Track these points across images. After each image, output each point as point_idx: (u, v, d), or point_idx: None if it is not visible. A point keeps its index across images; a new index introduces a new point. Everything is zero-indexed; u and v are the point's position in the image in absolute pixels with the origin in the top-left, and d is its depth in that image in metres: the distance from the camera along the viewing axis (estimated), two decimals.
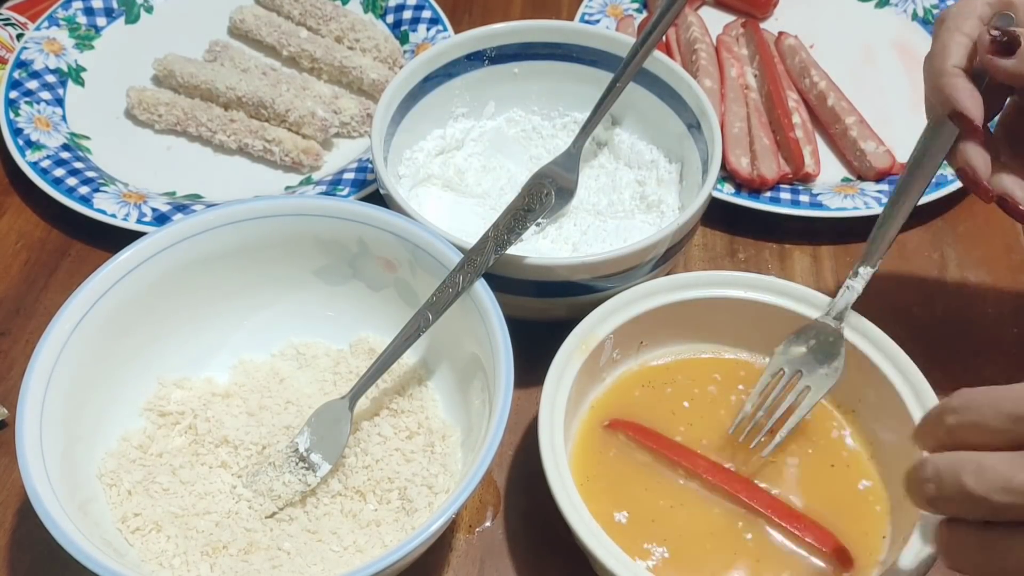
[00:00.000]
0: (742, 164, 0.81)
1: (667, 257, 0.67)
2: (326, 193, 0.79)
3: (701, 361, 0.66)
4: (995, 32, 0.55)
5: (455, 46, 0.76)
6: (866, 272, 0.61)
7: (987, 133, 0.58)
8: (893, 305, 0.76)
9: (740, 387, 0.65)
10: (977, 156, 0.58)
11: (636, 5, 0.98)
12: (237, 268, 0.65)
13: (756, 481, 0.60)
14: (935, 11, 0.97)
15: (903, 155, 0.79)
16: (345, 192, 0.80)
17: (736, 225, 0.81)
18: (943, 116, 0.58)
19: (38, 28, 0.92)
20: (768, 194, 0.81)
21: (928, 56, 0.60)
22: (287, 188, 0.83)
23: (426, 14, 0.95)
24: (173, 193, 0.82)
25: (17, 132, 0.83)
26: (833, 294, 0.63)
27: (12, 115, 0.84)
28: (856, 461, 0.61)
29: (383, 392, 0.65)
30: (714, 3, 1.00)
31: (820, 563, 0.57)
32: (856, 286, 0.61)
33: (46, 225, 0.81)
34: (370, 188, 0.80)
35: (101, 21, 0.95)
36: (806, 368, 0.60)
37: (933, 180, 0.59)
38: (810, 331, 0.61)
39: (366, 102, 0.89)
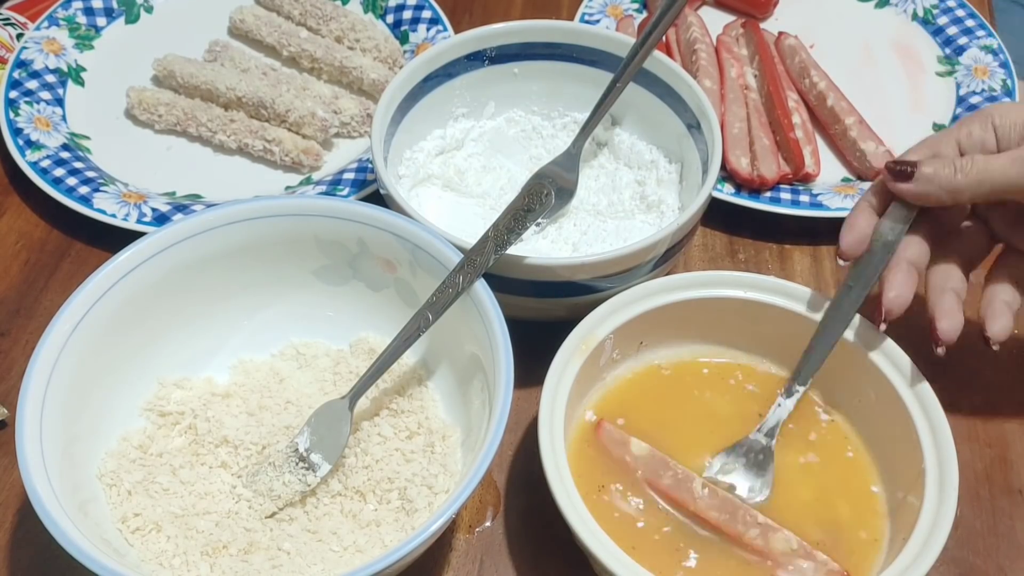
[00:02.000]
0: (742, 164, 0.81)
1: (667, 257, 0.67)
2: (326, 193, 0.79)
3: (700, 361, 0.66)
4: (892, 164, 0.60)
5: (455, 46, 0.76)
6: (799, 390, 0.62)
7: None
8: None
9: (741, 382, 0.65)
10: (889, 285, 0.60)
11: (636, 5, 0.98)
12: (237, 268, 0.65)
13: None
14: (935, 11, 0.97)
15: None
16: (345, 192, 0.80)
17: (736, 225, 0.81)
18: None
19: (38, 28, 0.92)
20: (768, 194, 0.81)
21: None
22: (287, 188, 0.83)
23: (426, 14, 0.95)
24: (173, 193, 0.82)
25: (17, 132, 0.83)
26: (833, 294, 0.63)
27: (12, 115, 0.84)
28: (856, 461, 0.61)
29: (383, 392, 0.65)
30: (714, 3, 1.00)
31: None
32: (788, 404, 0.62)
33: (46, 225, 0.81)
34: (370, 188, 0.80)
35: (101, 21, 0.95)
36: (739, 482, 0.60)
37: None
38: (741, 448, 0.61)
39: (366, 102, 0.89)
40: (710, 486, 0.59)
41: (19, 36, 0.93)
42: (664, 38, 0.84)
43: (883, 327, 0.60)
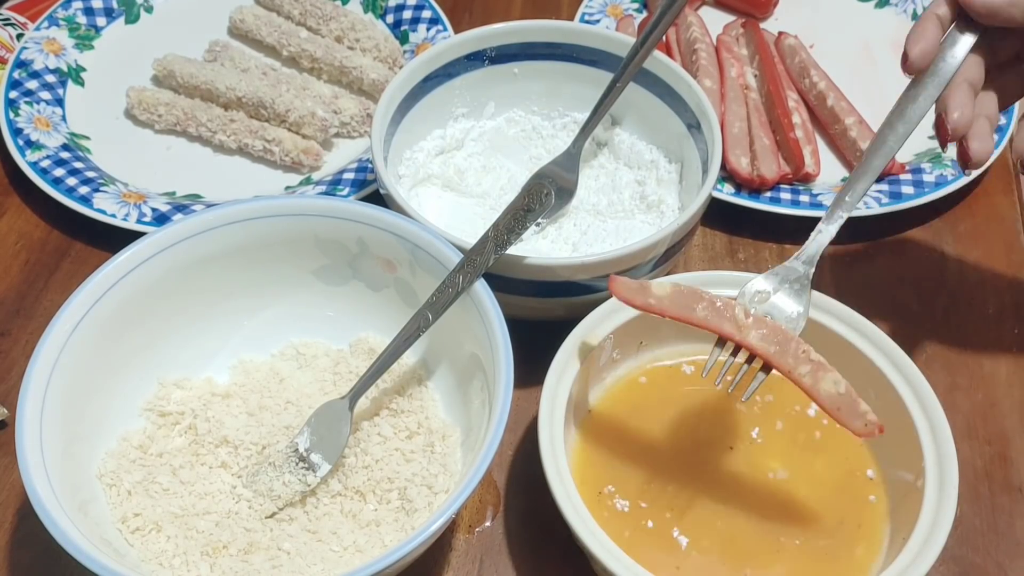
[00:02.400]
0: (742, 164, 0.81)
1: (667, 257, 0.67)
2: (326, 193, 0.79)
3: (701, 361, 0.66)
4: None
5: (455, 46, 0.76)
6: (842, 216, 0.60)
7: None
8: (893, 305, 0.76)
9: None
10: (954, 104, 0.59)
11: (636, 5, 0.98)
12: (237, 268, 0.65)
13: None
14: None
15: (902, 155, 0.79)
16: (345, 192, 0.80)
17: (736, 225, 0.81)
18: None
19: (38, 28, 0.92)
20: (768, 194, 0.81)
21: None
22: (287, 188, 0.83)
23: (426, 14, 0.95)
24: (173, 193, 0.82)
25: (17, 132, 0.83)
26: (832, 294, 0.63)
27: (12, 115, 0.84)
28: (857, 460, 0.61)
29: (383, 392, 0.65)
30: (714, 3, 1.00)
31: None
32: (830, 229, 0.60)
33: (46, 225, 0.81)
34: (370, 188, 0.80)
35: (101, 21, 0.95)
36: (773, 312, 0.58)
37: (913, 131, 0.61)
38: (776, 275, 0.59)
39: (366, 102, 0.89)
40: (754, 315, 0.56)
41: (19, 36, 0.93)
42: (664, 38, 0.84)
43: (948, 149, 0.60)
